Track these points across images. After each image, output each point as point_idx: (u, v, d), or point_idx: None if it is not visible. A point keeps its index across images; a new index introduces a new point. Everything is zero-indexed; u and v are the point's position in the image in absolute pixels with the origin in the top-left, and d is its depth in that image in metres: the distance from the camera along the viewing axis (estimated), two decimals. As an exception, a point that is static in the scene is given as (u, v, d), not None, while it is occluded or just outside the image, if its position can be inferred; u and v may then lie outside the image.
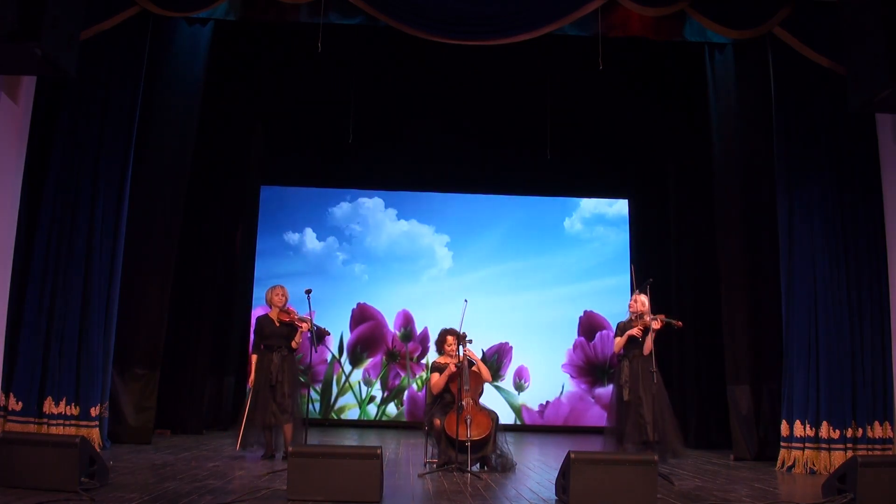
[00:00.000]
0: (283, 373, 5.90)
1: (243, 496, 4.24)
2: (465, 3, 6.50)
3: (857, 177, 6.42)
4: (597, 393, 10.09)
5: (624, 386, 5.86)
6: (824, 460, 5.99)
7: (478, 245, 10.49)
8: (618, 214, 10.58)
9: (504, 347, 10.09)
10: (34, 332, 6.03)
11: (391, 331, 10.14)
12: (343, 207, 10.48)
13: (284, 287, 6.17)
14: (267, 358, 5.95)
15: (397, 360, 10.07)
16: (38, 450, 4.22)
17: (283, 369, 5.91)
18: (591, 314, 10.30)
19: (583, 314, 10.31)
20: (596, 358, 10.18)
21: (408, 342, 10.14)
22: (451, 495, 4.55)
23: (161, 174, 7.05)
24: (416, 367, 10.09)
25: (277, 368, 5.89)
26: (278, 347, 5.97)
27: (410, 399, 9.97)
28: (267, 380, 5.87)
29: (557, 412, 10.03)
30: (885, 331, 6.21)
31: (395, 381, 10.04)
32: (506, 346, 10.09)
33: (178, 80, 7.15)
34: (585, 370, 10.13)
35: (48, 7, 5.07)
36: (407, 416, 9.90)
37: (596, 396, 10.09)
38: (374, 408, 9.97)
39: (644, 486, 4.21)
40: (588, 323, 10.30)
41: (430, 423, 5.88)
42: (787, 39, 6.46)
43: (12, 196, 5.97)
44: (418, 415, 9.82)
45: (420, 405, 9.86)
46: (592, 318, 10.29)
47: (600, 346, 10.23)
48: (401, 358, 10.08)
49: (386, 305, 10.24)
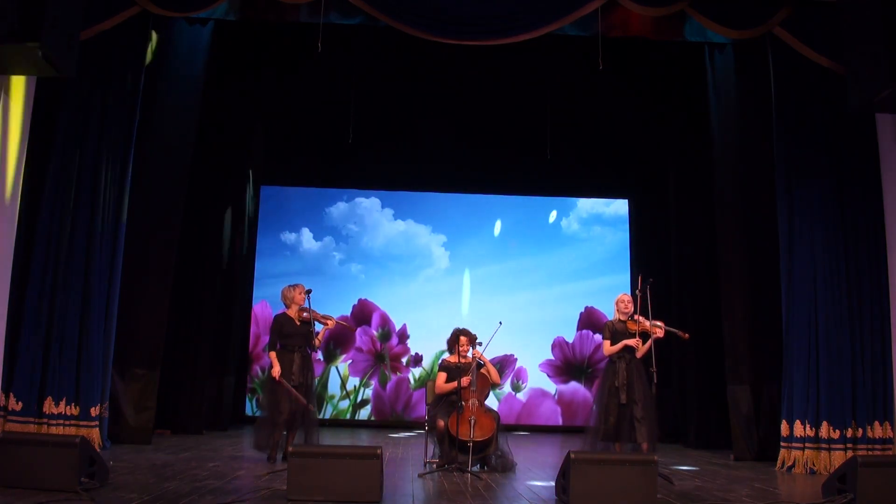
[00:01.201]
0: (303, 373, 5.81)
1: (243, 496, 4.25)
2: (465, 4, 6.51)
3: (857, 177, 6.42)
4: (560, 390, 10.06)
5: (621, 389, 5.76)
6: (824, 460, 5.99)
7: (474, 244, 10.48)
8: (615, 214, 10.57)
9: (508, 359, 10.06)
10: (34, 332, 6.03)
11: (371, 330, 10.11)
12: (340, 207, 10.48)
13: (303, 286, 6.07)
14: (288, 358, 5.82)
15: (385, 361, 10.07)
16: (38, 450, 4.22)
17: (303, 369, 5.82)
18: (592, 310, 10.27)
19: (584, 310, 10.27)
20: (574, 357, 10.15)
21: (386, 341, 10.13)
22: (451, 495, 4.56)
23: (161, 174, 7.05)
24: (404, 368, 10.05)
25: (299, 369, 5.79)
26: (298, 347, 5.86)
27: (376, 395, 9.92)
28: (288, 380, 5.74)
29: (511, 409, 9.92)
30: (885, 331, 6.21)
31: (373, 378, 10.00)
32: (510, 358, 10.07)
33: (178, 80, 7.15)
34: (563, 370, 10.05)
35: (48, 7, 5.08)
36: (374, 413, 9.88)
37: (559, 394, 10.06)
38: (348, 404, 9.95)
39: (644, 486, 4.22)
40: (588, 319, 10.27)
41: (433, 424, 5.88)
42: (787, 39, 6.46)
43: (12, 196, 5.97)
44: (385, 412, 9.83)
45: (386, 402, 9.89)
46: (592, 315, 10.27)
47: (579, 346, 10.20)
48: (390, 360, 10.07)
49: (383, 305, 10.21)
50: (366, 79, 9.06)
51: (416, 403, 9.88)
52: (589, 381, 9.97)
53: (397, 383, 9.98)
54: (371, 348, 10.05)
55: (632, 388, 5.74)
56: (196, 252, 8.17)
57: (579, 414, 9.86)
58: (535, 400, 10.04)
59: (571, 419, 9.87)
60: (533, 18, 6.49)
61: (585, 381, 10.02)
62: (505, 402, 9.97)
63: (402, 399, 9.94)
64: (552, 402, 10.03)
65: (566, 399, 10.02)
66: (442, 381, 5.97)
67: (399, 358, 10.08)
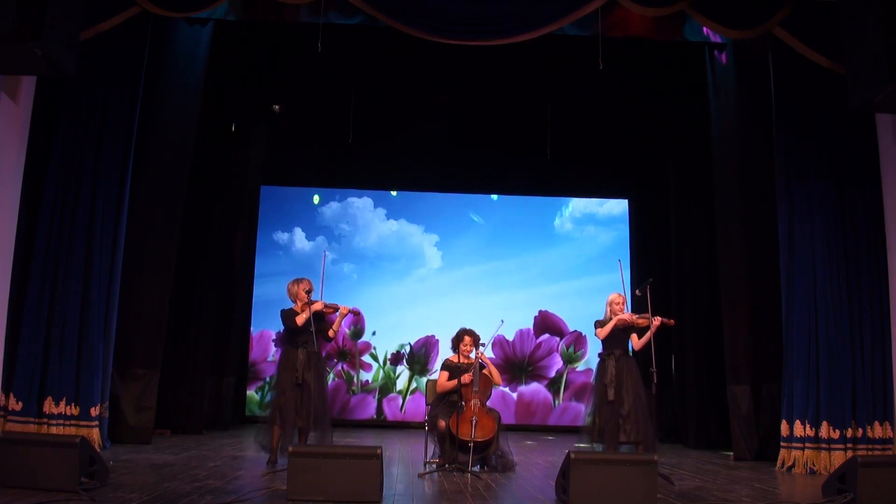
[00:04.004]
0: (309, 371, 5.60)
1: (243, 496, 4.25)
2: (464, 4, 6.50)
3: (857, 177, 6.42)
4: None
5: (609, 385, 5.71)
6: (824, 460, 5.99)
7: (466, 244, 10.49)
8: (611, 213, 10.57)
9: (430, 340, 10.06)
10: (34, 332, 6.03)
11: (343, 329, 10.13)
12: (332, 207, 10.48)
13: (309, 280, 5.90)
14: (293, 355, 5.63)
15: (347, 358, 10.07)
16: (38, 450, 4.22)
17: (309, 367, 5.61)
18: (546, 314, 10.29)
19: (538, 314, 10.29)
20: (514, 356, 10.11)
21: (357, 340, 10.13)
22: (451, 495, 4.56)
23: (161, 174, 7.05)
24: (365, 364, 10.07)
25: (304, 366, 5.58)
26: (304, 343, 5.64)
27: (333, 389, 9.88)
28: (293, 378, 5.55)
29: (417, 408, 9.88)
30: (885, 331, 6.21)
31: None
32: (432, 340, 10.06)
33: (178, 80, 7.15)
34: (503, 368, 9.95)
35: (48, 7, 5.07)
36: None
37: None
38: None
39: (644, 486, 4.22)
40: (543, 323, 10.28)
41: (433, 424, 5.88)
42: (787, 39, 6.45)
43: (12, 196, 5.97)
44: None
45: (341, 395, 9.89)
46: (547, 319, 10.28)
47: (519, 345, 10.18)
48: (350, 356, 10.07)
49: (376, 304, 10.19)
50: (365, 79, 9.06)
51: (353, 407, 9.93)
52: (531, 380, 10.02)
53: (335, 387, 9.92)
54: (333, 346, 10.00)
55: (621, 385, 5.70)
56: (196, 252, 8.16)
57: (537, 413, 9.93)
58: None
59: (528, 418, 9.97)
60: (533, 18, 6.48)
61: (527, 378, 10.03)
62: (411, 402, 10.02)
63: (338, 403, 9.87)
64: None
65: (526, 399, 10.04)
66: (443, 380, 5.97)
67: (362, 356, 10.09)
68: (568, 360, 10.14)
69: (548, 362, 10.15)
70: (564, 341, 10.17)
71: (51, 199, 6.23)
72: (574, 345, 10.17)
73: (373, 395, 10.01)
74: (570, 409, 10.03)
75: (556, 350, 10.16)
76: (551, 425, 9.92)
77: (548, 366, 10.15)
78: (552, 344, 10.19)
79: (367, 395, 10.02)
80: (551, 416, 10.03)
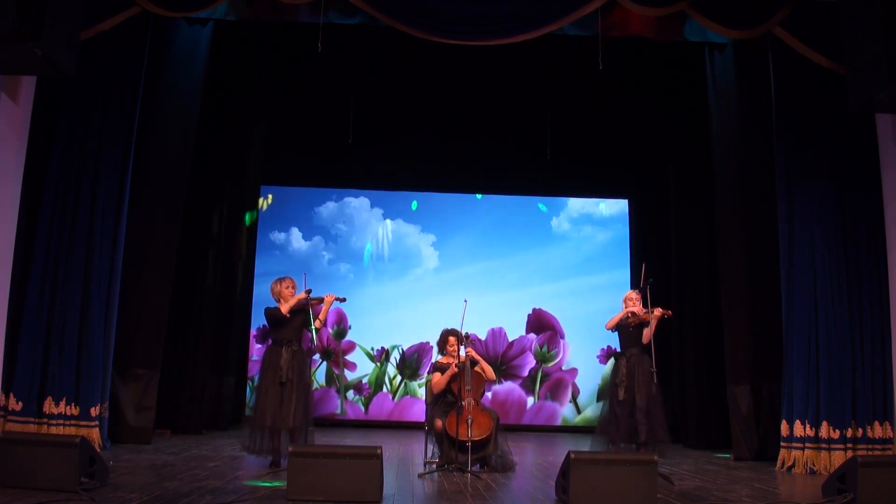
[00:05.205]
0: (293, 370, 5.51)
1: (243, 496, 4.25)
2: (464, 4, 6.50)
3: (857, 177, 6.42)
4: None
5: (619, 385, 5.76)
6: (824, 460, 5.99)
7: (463, 243, 10.45)
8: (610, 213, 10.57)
9: (423, 347, 10.05)
10: (34, 332, 6.03)
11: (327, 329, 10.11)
12: (329, 207, 10.48)
13: (291, 278, 5.85)
14: (276, 353, 5.56)
15: (332, 357, 10.07)
16: (38, 450, 4.22)
17: (292, 366, 5.51)
18: (540, 312, 10.26)
19: (531, 312, 10.26)
20: (487, 355, 10.02)
21: (341, 340, 10.13)
22: (451, 495, 4.56)
23: (161, 174, 7.05)
24: (349, 363, 10.06)
25: (287, 365, 5.51)
26: (288, 342, 5.57)
27: (323, 390, 9.92)
28: (276, 377, 5.47)
29: (382, 406, 9.91)
30: (885, 331, 6.21)
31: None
32: (426, 346, 10.03)
33: (178, 80, 7.15)
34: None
35: (48, 7, 5.08)
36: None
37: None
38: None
39: (644, 486, 4.22)
40: (537, 321, 10.26)
41: (431, 424, 5.88)
42: (787, 39, 6.45)
43: (12, 196, 5.97)
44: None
45: (328, 395, 9.88)
46: (541, 316, 10.26)
47: (492, 343, 10.16)
48: (335, 356, 10.07)
49: (373, 304, 10.17)
50: (365, 79, 9.05)
51: (332, 405, 9.91)
52: (505, 379, 10.02)
53: (323, 389, 9.95)
54: (319, 345, 9.99)
55: (632, 385, 5.72)
56: (196, 252, 8.16)
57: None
58: (403, 398, 10.04)
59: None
60: (533, 18, 6.49)
61: (500, 378, 10.00)
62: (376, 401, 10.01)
63: (325, 403, 9.87)
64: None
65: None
66: (437, 379, 5.97)
67: (346, 355, 10.08)
68: (541, 360, 10.13)
69: (520, 361, 10.14)
70: (538, 340, 10.16)
71: (51, 199, 6.23)
72: (548, 344, 10.16)
73: (364, 394, 10.00)
74: (545, 408, 10.02)
75: (529, 349, 10.16)
76: (525, 424, 9.89)
77: (521, 364, 10.13)
78: (525, 343, 10.18)
79: (355, 394, 10.00)
80: (525, 415, 10.02)
